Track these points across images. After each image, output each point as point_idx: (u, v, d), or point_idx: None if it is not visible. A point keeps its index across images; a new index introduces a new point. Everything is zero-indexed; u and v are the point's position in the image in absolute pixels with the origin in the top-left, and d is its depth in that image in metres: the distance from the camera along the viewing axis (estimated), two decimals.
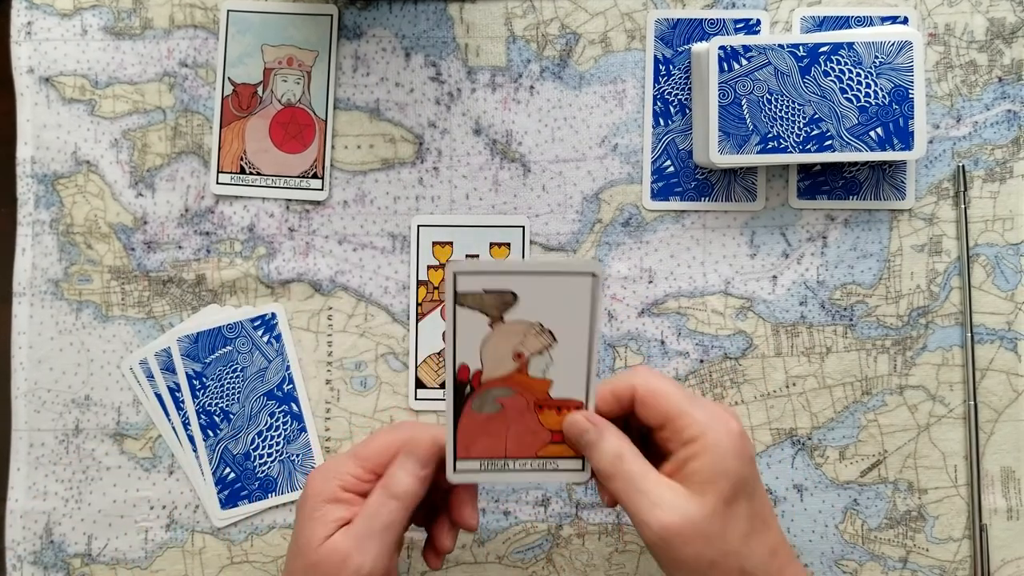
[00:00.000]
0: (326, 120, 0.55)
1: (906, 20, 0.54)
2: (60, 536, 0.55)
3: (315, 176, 0.55)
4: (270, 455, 0.55)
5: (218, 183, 0.55)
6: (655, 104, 0.55)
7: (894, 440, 0.54)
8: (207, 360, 0.55)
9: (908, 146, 0.51)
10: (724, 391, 0.55)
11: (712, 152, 0.51)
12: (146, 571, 0.55)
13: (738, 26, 0.55)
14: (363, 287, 0.55)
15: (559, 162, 0.55)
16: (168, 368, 0.55)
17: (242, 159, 0.55)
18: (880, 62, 0.50)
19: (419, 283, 0.55)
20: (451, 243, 0.55)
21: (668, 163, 0.55)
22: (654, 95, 0.55)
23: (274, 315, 0.55)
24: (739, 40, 0.51)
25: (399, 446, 0.44)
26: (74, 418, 0.55)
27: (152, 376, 0.55)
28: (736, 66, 0.51)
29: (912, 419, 0.54)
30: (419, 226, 0.55)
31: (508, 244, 0.55)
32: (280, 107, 0.55)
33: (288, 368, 0.55)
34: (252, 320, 0.55)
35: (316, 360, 0.55)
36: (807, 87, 0.51)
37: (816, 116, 0.51)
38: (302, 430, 0.55)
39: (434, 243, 0.55)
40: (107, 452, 0.55)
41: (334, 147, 0.56)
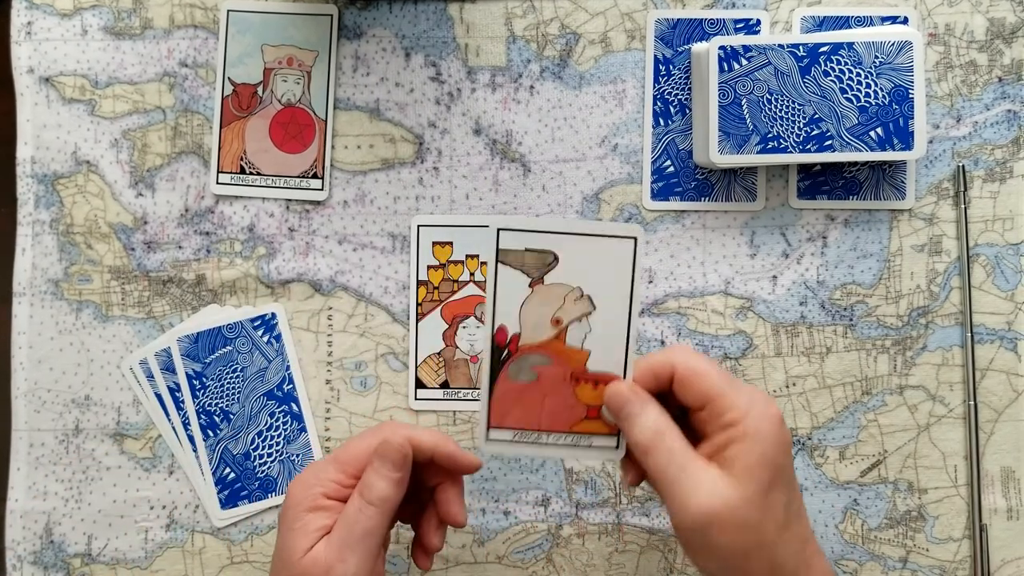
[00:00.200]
0: (326, 120, 0.55)
1: (906, 20, 0.54)
2: (60, 536, 0.55)
3: (315, 176, 0.55)
4: (270, 455, 0.55)
5: (218, 183, 0.55)
6: (655, 104, 0.55)
7: (894, 440, 0.54)
8: (207, 360, 0.55)
9: (908, 146, 0.51)
10: None
11: (712, 152, 0.51)
12: (146, 571, 0.55)
13: (738, 26, 0.55)
14: (363, 287, 0.55)
15: (559, 162, 0.55)
16: (168, 368, 0.55)
17: (242, 159, 0.55)
18: (880, 62, 0.50)
19: (419, 283, 0.55)
20: (451, 243, 0.55)
21: (668, 163, 0.55)
22: (654, 95, 0.55)
23: (274, 315, 0.55)
24: (739, 40, 0.51)
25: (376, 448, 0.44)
26: (74, 418, 0.55)
27: (152, 376, 0.55)
28: (736, 66, 0.51)
29: (912, 419, 0.54)
30: (419, 226, 0.55)
31: None
32: (280, 107, 0.55)
33: (288, 368, 0.55)
34: (252, 320, 0.55)
35: (316, 360, 0.55)
36: (807, 87, 0.51)
37: (816, 116, 0.51)
38: (302, 430, 0.55)
39: (434, 243, 0.55)
40: (107, 452, 0.55)
41: (334, 147, 0.56)
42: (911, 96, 0.51)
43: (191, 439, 0.55)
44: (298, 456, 0.55)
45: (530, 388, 0.43)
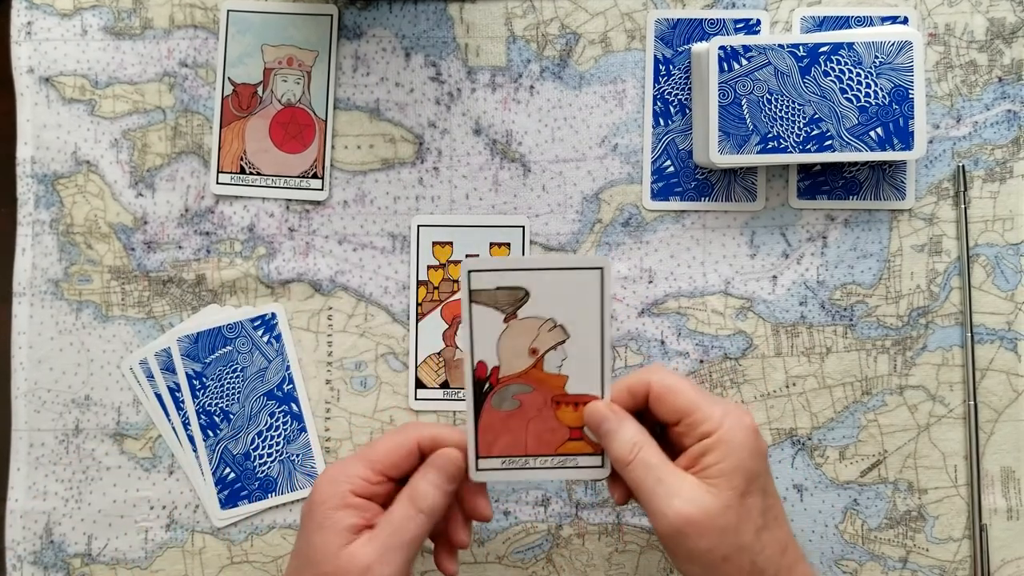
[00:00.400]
0: (326, 120, 0.55)
1: (906, 20, 0.54)
2: (60, 536, 0.55)
3: (315, 176, 0.55)
4: (270, 455, 0.55)
5: (218, 183, 0.55)
6: (655, 104, 0.55)
7: (894, 440, 0.54)
8: (207, 360, 0.55)
9: (908, 146, 0.51)
10: (724, 391, 0.55)
11: (712, 152, 0.51)
12: (146, 571, 0.55)
13: (738, 26, 0.55)
14: (363, 287, 0.55)
15: (559, 162, 0.55)
16: (168, 368, 0.55)
17: (242, 159, 0.55)
18: (880, 62, 0.50)
19: (419, 283, 0.55)
20: (451, 243, 0.55)
21: (668, 163, 0.55)
22: (654, 95, 0.55)
23: (274, 315, 0.55)
24: (739, 40, 0.51)
25: (410, 447, 0.45)
26: (74, 418, 0.55)
27: (152, 376, 0.55)
28: (736, 66, 0.51)
29: (912, 419, 0.54)
30: (419, 226, 0.55)
31: (508, 244, 0.55)
32: (280, 107, 0.55)
33: (288, 368, 0.55)
34: (252, 320, 0.55)
35: (316, 360, 0.55)
36: (807, 87, 0.51)
37: (816, 116, 0.51)
38: (302, 430, 0.55)
39: (434, 243, 0.55)
40: (107, 452, 0.55)
41: (334, 147, 0.56)
42: (911, 96, 0.51)
43: (191, 439, 0.55)
44: (298, 456, 0.55)
45: (514, 415, 0.44)
